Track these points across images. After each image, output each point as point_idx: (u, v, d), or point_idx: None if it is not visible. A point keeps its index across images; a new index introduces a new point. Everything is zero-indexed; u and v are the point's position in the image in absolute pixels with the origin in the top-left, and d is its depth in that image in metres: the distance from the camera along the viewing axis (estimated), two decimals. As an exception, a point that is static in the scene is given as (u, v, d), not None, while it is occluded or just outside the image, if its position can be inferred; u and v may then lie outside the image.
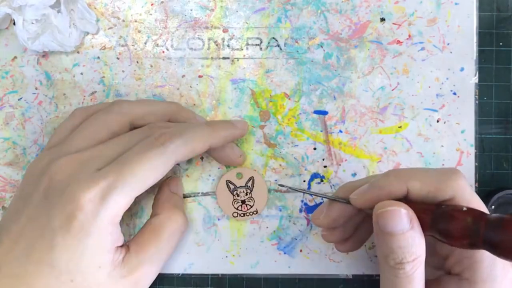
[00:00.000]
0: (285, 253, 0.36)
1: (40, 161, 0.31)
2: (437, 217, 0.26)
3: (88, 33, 0.36)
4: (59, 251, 0.27)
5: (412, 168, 0.32)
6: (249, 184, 0.36)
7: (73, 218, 0.28)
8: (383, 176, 0.29)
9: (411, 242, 0.26)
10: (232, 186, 0.36)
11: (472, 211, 0.25)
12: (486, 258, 0.27)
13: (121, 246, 0.30)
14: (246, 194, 0.36)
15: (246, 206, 0.36)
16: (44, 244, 0.27)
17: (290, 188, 0.32)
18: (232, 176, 0.36)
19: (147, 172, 0.29)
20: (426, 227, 0.27)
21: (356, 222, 0.32)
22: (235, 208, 0.36)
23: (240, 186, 0.36)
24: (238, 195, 0.36)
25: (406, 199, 0.28)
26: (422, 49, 0.36)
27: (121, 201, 0.28)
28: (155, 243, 0.31)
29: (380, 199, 0.28)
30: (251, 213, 0.36)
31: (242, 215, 0.36)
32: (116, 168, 0.29)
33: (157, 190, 0.35)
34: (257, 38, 0.37)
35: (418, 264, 0.26)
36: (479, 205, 0.28)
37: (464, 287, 0.28)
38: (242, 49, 0.37)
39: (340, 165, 0.36)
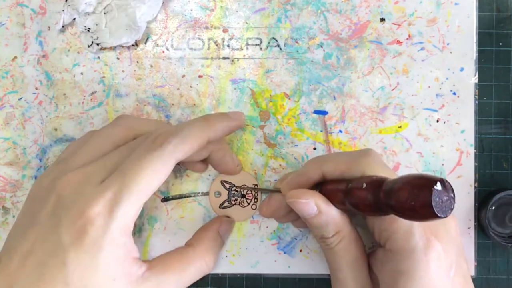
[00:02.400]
0: (285, 252, 0.36)
1: (46, 177, 0.31)
2: (345, 194, 0.29)
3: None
4: (72, 268, 0.27)
5: (329, 154, 0.36)
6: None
7: (84, 233, 0.27)
8: (304, 164, 0.33)
9: (323, 223, 0.30)
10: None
11: (370, 184, 0.27)
12: (401, 227, 0.28)
13: (142, 261, 0.30)
14: (240, 196, 0.36)
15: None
16: (56, 261, 0.27)
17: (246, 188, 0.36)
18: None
19: (149, 177, 0.29)
20: (340, 201, 0.29)
21: None
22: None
23: (234, 188, 0.36)
24: (232, 196, 0.36)
25: (325, 181, 0.31)
26: (422, 49, 0.37)
27: (129, 210, 0.28)
28: (179, 272, 0.31)
29: (302, 185, 0.32)
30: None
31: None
32: (118, 178, 0.28)
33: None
34: (257, 38, 0.37)
35: (339, 238, 0.30)
36: (387, 176, 0.28)
37: (388, 257, 0.29)
38: (242, 49, 0.37)
39: (340, 165, 0.36)
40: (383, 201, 0.26)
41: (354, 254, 0.30)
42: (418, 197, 0.23)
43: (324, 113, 0.37)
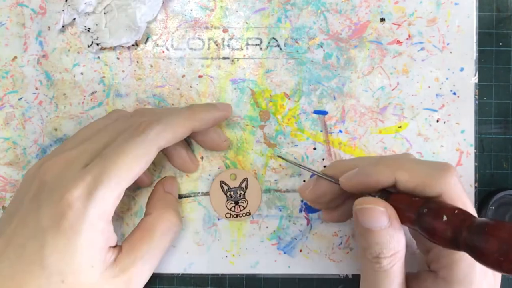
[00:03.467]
0: (285, 253, 0.36)
1: (34, 165, 0.31)
2: (422, 213, 0.26)
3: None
4: (50, 251, 0.27)
5: (404, 158, 0.30)
6: (243, 185, 0.36)
7: (62, 216, 0.27)
8: (372, 164, 0.29)
9: (388, 239, 0.27)
10: (225, 187, 0.36)
11: (457, 214, 0.25)
12: (465, 259, 0.27)
13: (114, 247, 0.30)
14: (240, 195, 0.36)
15: (239, 207, 0.36)
16: (35, 244, 0.27)
17: (285, 160, 0.35)
18: (226, 177, 0.36)
19: (130, 163, 0.28)
20: (410, 221, 0.27)
21: (342, 200, 0.33)
22: (228, 209, 0.36)
23: (234, 187, 0.36)
24: (231, 196, 0.36)
25: (394, 189, 0.28)
26: (422, 49, 0.36)
27: (108, 196, 0.28)
28: (147, 242, 0.31)
29: (367, 186, 0.29)
30: (244, 215, 0.36)
31: (235, 216, 0.36)
32: (99, 163, 0.28)
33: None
34: (257, 38, 0.37)
35: (395, 259, 0.27)
36: (467, 205, 0.27)
37: (440, 285, 0.28)
38: (242, 49, 0.37)
39: (340, 165, 0.36)
40: (463, 241, 0.24)
41: (404, 276, 0.28)
42: (508, 255, 0.22)
43: (324, 113, 0.37)
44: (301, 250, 0.36)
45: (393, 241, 0.27)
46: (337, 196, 0.32)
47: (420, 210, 0.26)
